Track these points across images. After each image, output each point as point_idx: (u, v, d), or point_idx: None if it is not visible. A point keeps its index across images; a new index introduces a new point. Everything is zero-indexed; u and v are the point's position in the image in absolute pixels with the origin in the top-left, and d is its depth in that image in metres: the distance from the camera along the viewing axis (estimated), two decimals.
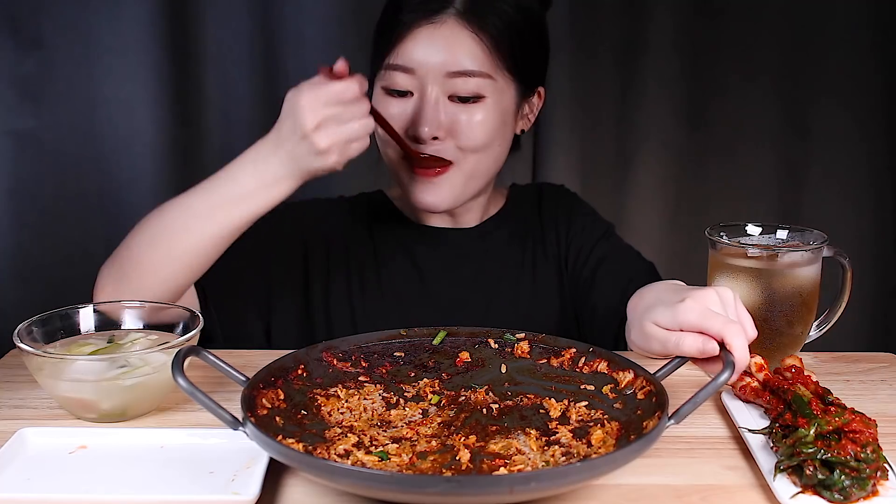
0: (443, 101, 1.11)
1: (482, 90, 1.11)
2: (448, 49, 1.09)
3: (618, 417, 0.84)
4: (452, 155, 1.13)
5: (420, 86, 1.11)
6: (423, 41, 1.09)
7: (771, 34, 1.84)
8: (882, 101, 1.89)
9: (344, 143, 0.97)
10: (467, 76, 1.10)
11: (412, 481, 0.69)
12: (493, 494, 0.66)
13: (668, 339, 0.85)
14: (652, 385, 0.83)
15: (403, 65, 1.10)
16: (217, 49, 1.71)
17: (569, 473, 0.68)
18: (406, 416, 0.87)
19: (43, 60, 1.64)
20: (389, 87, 1.13)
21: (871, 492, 0.73)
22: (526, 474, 0.67)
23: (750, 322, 0.85)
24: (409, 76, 1.11)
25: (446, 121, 1.11)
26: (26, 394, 0.97)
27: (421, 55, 1.09)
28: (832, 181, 1.92)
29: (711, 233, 1.06)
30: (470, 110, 1.12)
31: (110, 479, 0.77)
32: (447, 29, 1.09)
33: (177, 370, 0.75)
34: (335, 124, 0.96)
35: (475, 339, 0.98)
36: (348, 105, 0.96)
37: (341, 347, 0.94)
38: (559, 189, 1.37)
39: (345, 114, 0.96)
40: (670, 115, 1.87)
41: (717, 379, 0.76)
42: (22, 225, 1.69)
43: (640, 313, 0.92)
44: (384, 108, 1.12)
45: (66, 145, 1.68)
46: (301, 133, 0.95)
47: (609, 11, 1.82)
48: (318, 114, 0.95)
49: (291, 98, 0.97)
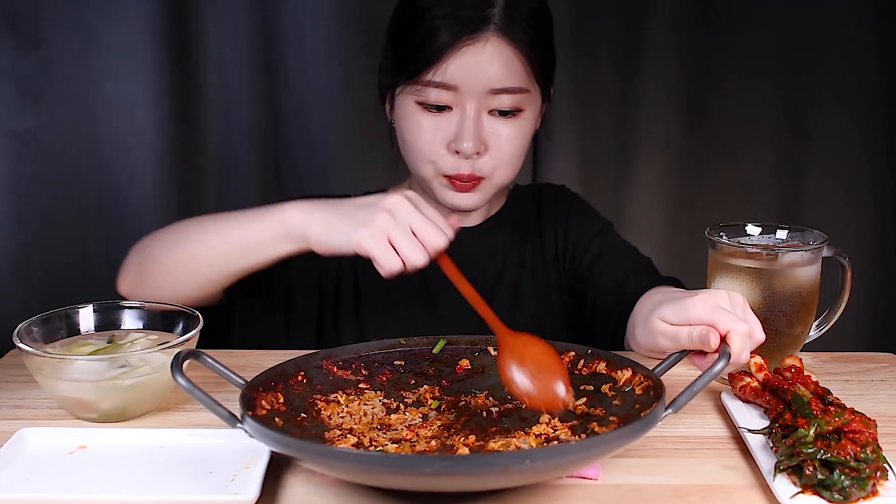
0: (484, 116, 1.11)
1: (521, 104, 1.11)
2: (492, 67, 1.08)
3: (616, 413, 0.84)
4: (489, 170, 1.13)
5: (461, 101, 1.09)
6: (467, 60, 1.07)
7: (771, 34, 1.84)
8: (882, 101, 1.89)
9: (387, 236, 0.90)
10: (509, 93, 1.09)
11: (406, 461, 0.69)
12: (487, 473, 0.66)
13: (680, 333, 0.85)
14: (650, 380, 0.83)
15: (446, 83, 1.08)
16: (217, 49, 1.71)
17: (564, 452, 0.68)
18: (406, 419, 0.87)
19: (43, 60, 1.64)
20: (426, 102, 1.10)
21: (870, 492, 0.73)
22: (521, 452, 0.67)
23: (758, 326, 0.85)
24: (449, 92, 1.09)
25: (487, 136, 1.11)
26: (26, 394, 0.97)
27: (465, 74, 1.07)
28: (832, 181, 1.92)
29: (711, 233, 1.06)
30: (509, 124, 1.12)
31: (110, 479, 0.77)
32: (491, 47, 1.07)
33: (176, 369, 0.76)
34: (403, 226, 0.90)
35: (475, 347, 0.98)
36: (428, 231, 0.91)
37: (341, 356, 0.95)
38: (559, 189, 1.37)
39: (420, 230, 0.90)
40: (670, 115, 1.87)
41: (712, 368, 0.77)
42: (22, 225, 1.69)
43: (645, 313, 0.93)
44: (418, 122, 1.11)
45: (66, 145, 1.68)
46: (376, 204, 0.92)
47: (609, 11, 1.81)
48: (403, 206, 0.91)
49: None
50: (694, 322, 0.84)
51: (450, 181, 1.14)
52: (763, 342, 0.84)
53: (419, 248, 0.90)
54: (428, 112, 1.11)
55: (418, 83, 1.09)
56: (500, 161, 1.13)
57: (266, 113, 1.77)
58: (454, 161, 1.12)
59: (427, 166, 1.14)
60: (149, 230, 1.37)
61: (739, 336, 0.81)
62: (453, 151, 1.11)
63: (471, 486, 0.70)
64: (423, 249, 0.90)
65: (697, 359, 0.85)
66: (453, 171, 1.12)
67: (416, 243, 0.90)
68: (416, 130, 1.12)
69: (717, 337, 0.81)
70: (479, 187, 1.15)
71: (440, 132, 1.11)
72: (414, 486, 0.70)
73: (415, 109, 1.12)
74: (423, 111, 1.11)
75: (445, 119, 1.11)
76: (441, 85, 1.08)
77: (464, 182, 1.13)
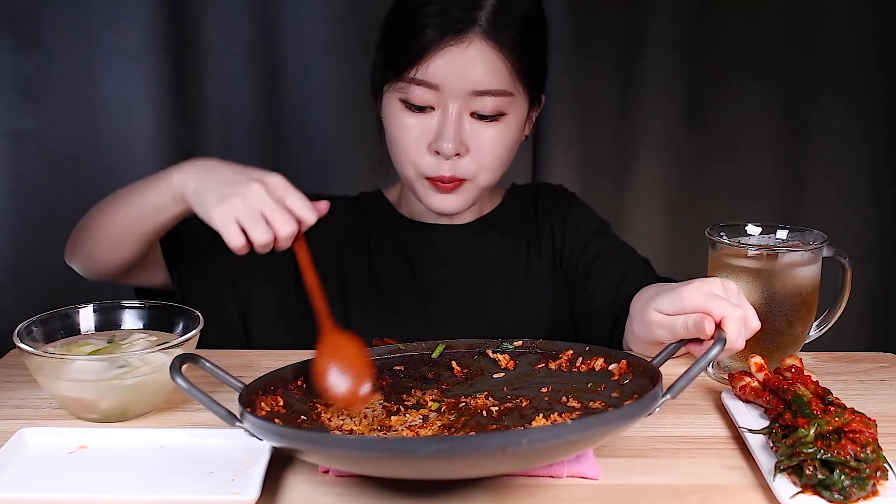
0: (466, 118, 1.11)
1: (504, 108, 1.11)
2: (474, 68, 1.08)
3: (615, 405, 0.84)
4: (471, 172, 1.13)
5: (443, 102, 1.10)
6: (450, 60, 1.08)
7: (771, 34, 1.84)
8: (882, 101, 1.89)
9: (249, 219, 0.90)
10: (492, 95, 1.10)
11: (403, 445, 0.69)
12: (485, 454, 0.66)
13: (675, 322, 0.86)
14: (647, 370, 0.83)
15: (428, 81, 1.09)
16: (217, 49, 1.71)
17: (561, 431, 0.68)
18: (406, 421, 0.87)
19: (43, 60, 1.64)
20: (409, 101, 1.11)
21: (870, 492, 0.73)
22: (518, 432, 0.67)
23: (753, 313, 0.86)
24: (432, 92, 1.09)
25: (468, 138, 1.11)
26: (26, 394, 0.97)
27: (447, 73, 1.08)
28: (832, 181, 1.92)
29: (711, 233, 1.06)
30: (491, 128, 1.12)
31: (110, 479, 0.77)
32: (474, 49, 1.08)
33: (175, 370, 0.76)
34: (253, 211, 0.91)
35: (473, 351, 0.98)
36: (284, 212, 0.91)
37: None
38: (556, 189, 1.37)
39: (270, 216, 0.91)
40: (670, 115, 1.87)
41: (708, 353, 0.77)
42: (22, 225, 1.69)
43: (640, 306, 0.93)
44: (401, 121, 1.12)
45: (66, 145, 1.68)
46: (239, 184, 0.92)
47: (609, 11, 1.81)
48: (259, 191, 0.91)
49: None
50: (689, 310, 0.85)
51: (431, 182, 1.14)
52: (762, 339, 0.85)
53: (267, 232, 0.91)
54: (411, 112, 1.12)
55: (403, 80, 1.10)
56: (481, 164, 1.13)
57: (266, 113, 1.77)
58: (435, 162, 1.12)
59: (410, 167, 1.15)
60: None
61: (734, 321, 0.82)
62: (433, 152, 1.11)
63: (469, 470, 0.69)
64: (271, 233, 0.90)
65: (694, 347, 0.86)
66: (434, 172, 1.12)
67: (264, 227, 0.91)
68: (399, 129, 1.13)
69: (712, 324, 0.82)
70: (462, 189, 1.15)
71: (422, 133, 1.11)
72: (412, 471, 0.70)
73: (399, 108, 1.13)
74: (407, 111, 1.12)
75: (427, 119, 1.11)
76: (423, 83, 1.09)
77: (445, 183, 1.13)
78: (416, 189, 1.17)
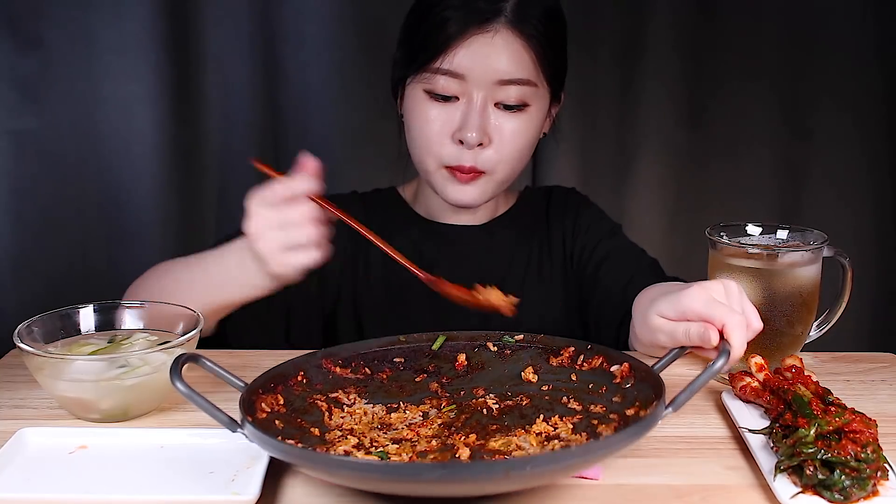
0: (490, 108, 1.12)
1: (527, 98, 1.12)
2: (500, 58, 1.09)
3: (617, 410, 0.84)
4: (491, 164, 1.14)
5: (467, 91, 1.11)
6: (476, 49, 1.09)
7: (771, 34, 1.84)
8: (882, 101, 1.89)
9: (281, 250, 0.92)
10: (516, 84, 1.10)
11: (407, 469, 0.69)
12: (489, 479, 0.66)
13: (676, 329, 0.86)
14: (649, 377, 0.83)
15: (454, 71, 1.09)
16: (217, 49, 1.71)
17: (564, 457, 0.68)
18: (406, 418, 0.87)
19: (43, 60, 1.64)
20: (434, 91, 1.12)
21: (871, 492, 0.73)
22: (522, 458, 0.67)
23: (755, 314, 0.86)
24: (457, 81, 1.10)
25: (491, 129, 1.12)
26: (26, 394, 0.97)
27: (473, 63, 1.09)
28: (832, 181, 1.92)
29: (711, 233, 1.06)
30: (514, 119, 1.13)
31: (110, 479, 0.77)
32: (500, 38, 1.09)
33: (175, 375, 0.75)
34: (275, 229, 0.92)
35: (474, 343, 0.98)
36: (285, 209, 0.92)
37: (341, 354, 0.95)
38: (569, 191, 1.38)
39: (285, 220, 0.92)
40: (670, 115, 1.87)
41: (712, 366, 0.77)
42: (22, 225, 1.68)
43: (643, 309, 0.93)
44: (425, 111, 1.13)
45: (66, 145, 1.68)
46: (250, 239, 0.93)
47: (609, 11, 1.81)
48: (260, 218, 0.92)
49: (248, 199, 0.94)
50: (690, 316, 0.85)
51: (451, 172, 1.14)
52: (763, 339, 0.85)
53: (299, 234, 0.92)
54: (435, 101, 1.12)
55: (428, 70, 1.11)
56: (502, 155, 1.14)
57: (266, 113, 1.77)
58: (457, 151, 1.13)
59: (430, 158, 1.15)
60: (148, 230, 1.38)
61: (737, 329, 0.81)
62: (457, 141, 1.12)
63: (472, 491, 0.70)
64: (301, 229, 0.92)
65: (698, 350, 0.85)
66: (455, 161, 1.13)
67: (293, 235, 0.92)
68: (423, 120, 1.14)
69: (716, 334, 0.82)
70: (479, 182, 1.16)
71: (446, 122, 1.12)
72: (415, 492, 0.70)
73: (423, 98, 1.13)
74: (431, 100, 1.13)
75: (452, 109, 1.12)
76: (449, 73, 1.10)
77: (465, 173, 1.13)
78: (434, 180, 1.17)
